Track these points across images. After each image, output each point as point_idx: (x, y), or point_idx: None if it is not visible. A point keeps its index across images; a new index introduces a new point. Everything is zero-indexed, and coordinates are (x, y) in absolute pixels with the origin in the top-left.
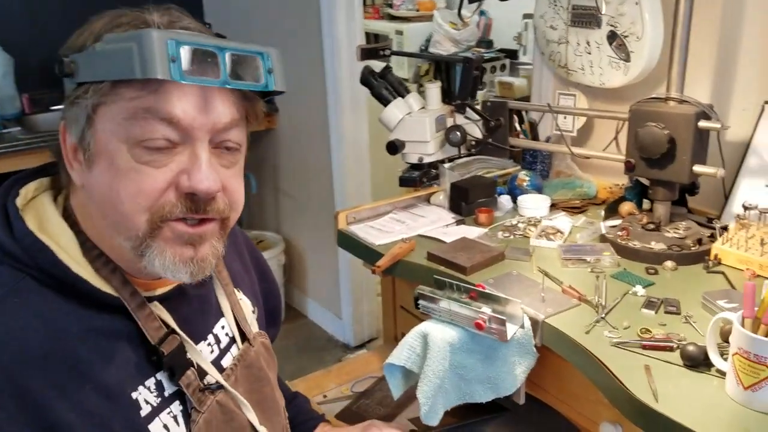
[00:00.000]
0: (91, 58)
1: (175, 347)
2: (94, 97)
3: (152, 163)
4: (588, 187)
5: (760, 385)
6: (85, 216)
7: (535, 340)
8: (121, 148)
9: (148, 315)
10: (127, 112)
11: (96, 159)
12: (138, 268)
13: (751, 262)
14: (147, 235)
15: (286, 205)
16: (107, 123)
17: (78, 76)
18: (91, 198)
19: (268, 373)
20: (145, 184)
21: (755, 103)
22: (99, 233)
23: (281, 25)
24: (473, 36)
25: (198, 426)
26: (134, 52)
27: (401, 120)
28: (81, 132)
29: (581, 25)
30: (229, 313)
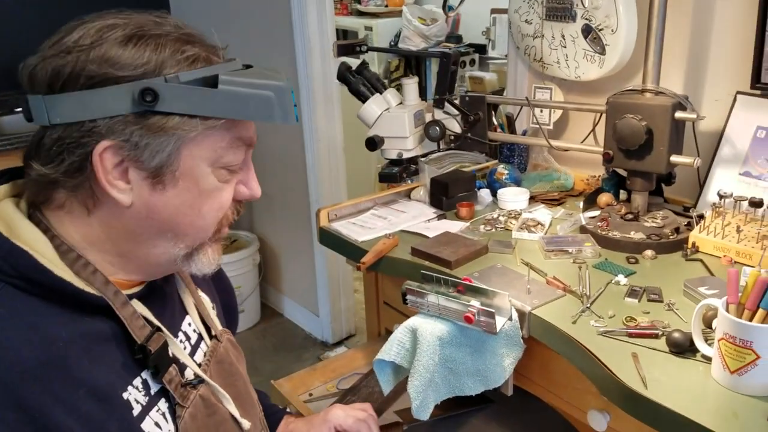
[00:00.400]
0: (198, 93)
1: (160, 345)
2: (197, 129)
3: (228, 181)
4: (565, 179)
5: (746, 369)
6: (78, 227)
7: (522, 332)
8: (206, 171)
9: (132, 314)
10: (225, 141)
11: (175, 181)
12: (150, 268)
13: (728, 249)
14: (206, 241)
15: (260, 203)
16: (198, 149)
17: (164, 105)
18: (152, 214)
19: (239, 367)
20: (224, 200)
21: (727, 93)
22: (109, 243)
23: (252, 21)
24: (442, 31)
25: (184, 421)
26: (274, 102)
27: (380, 116)
28: (167, 156)
29: (556, 19)
30: (194, 310)
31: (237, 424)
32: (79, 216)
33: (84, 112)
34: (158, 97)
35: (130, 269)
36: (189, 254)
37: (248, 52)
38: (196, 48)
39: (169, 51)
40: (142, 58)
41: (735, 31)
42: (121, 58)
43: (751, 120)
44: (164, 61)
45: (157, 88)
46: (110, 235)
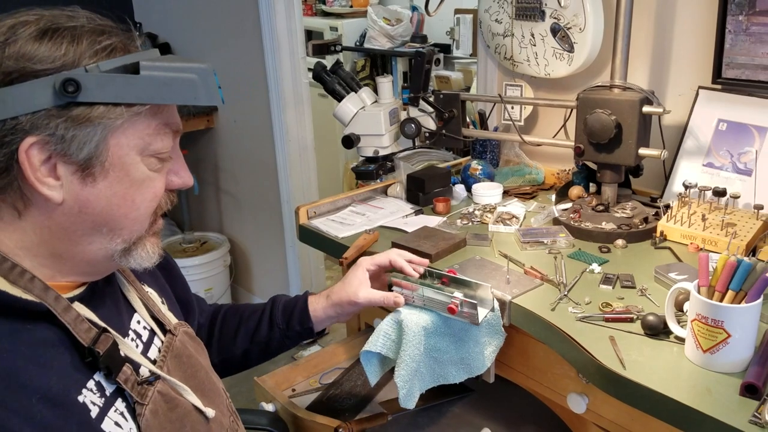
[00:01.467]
0: (120, 80)
1: (109, 345)
2: (123, 117)
3: (159, 170)
4: (536, 174)
5: (718, 348)
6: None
7: (503, 320)
8: (136, 160)
9: (76, 317)
10: (151, 128)
11: (106, 172)
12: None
13: (694, 236)
14: (144, 233)
15: (229, 204)
16: (126, 138)
17: (87, 95)
18: (85, 209)
19: (198, 359)
20: (157, 189)
21: (689, 88)
22: (43, 245)
23: (219, 22)
24: (407, 31)
25: (145, 418)
26: (198, 84)
27: (356, 114)
28: (94, 147)
29: (525, 18)
30: (141, 307)
31: (201, 413)
32: (9, 221)
33: (4, 109)
34: (80, 87)
35: (67, 270)
36: (127, 249)
37: (216, 53)
38: (113, 38)
39: (86, 42)
40: (60, 50)
41: (696, 29)
42: (37, 52)
43: (713, 113)
44: (82, 53)
45: (79, 78)
46: (43, 237)
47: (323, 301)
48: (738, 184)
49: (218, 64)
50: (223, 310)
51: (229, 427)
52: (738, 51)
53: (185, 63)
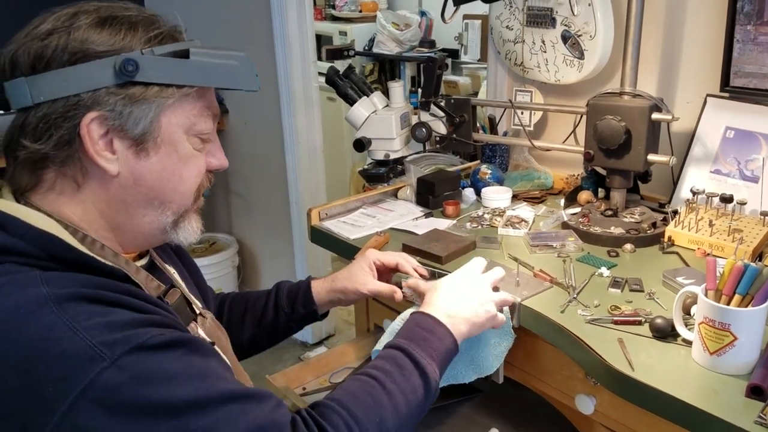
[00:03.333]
0: (173, 64)
1: (177, 299)
2: (174, 97)
3: (201, 149)
4: (545, 178)
5: (725, 350)
6: (73, 206)
7: (513, 322)
8: (183, 138)
9: (146, 277)
10: (196, 109)
11: (157, 148)
12: (142, 239)
13: (701, 242)
14: (189, 209)
15: (238, 206)
16: (175, 117)
17: (143, 76)
18: (138, 181)
19: (226, 344)
20: (201, 166)
21: (698, 96)
22: (102, 218)
23: (232, 25)
24: (416, 36)
25: (206, 326)
26: (239, 70)
27: (367, 118)
28: (149, 123)
29: (536, 25)
30: (180, 283)
31: None
32: (70, 195)
33: (68, 87)
34: (138, 67)
35: (126, 242)
36: (176, 222)
37: None
38: (163, 28)
39: (141, 30)
40: (119, 35)
41: (705, 38)
42: (99, 36)
43: (721, 121)
44: (138, 38)
45: (137, 59)
46: (102, 210)
47: (327, 285)
48: (745, 191)
49: None
50: (229, 298)
51: None
52: (746, 60)
53: (228, 51)
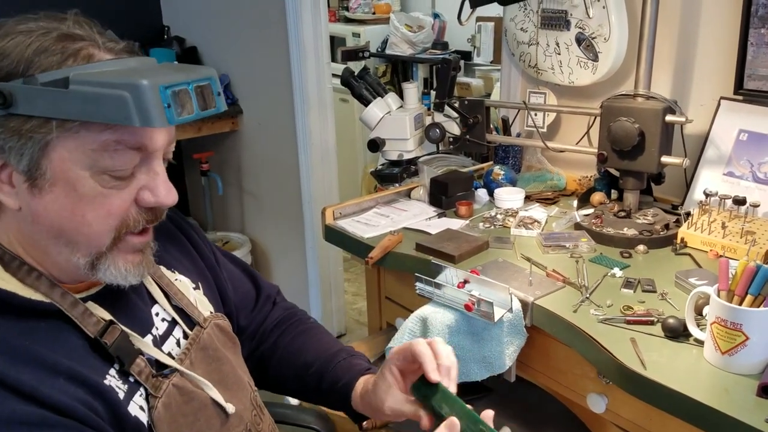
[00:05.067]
0: (51, 95)
1: (117, 337)
2: (57, 132)
3: (117, 186)
4: (558, 180)
5: (736, 350)
6: (5, 231)
7: (525, 321)
8: (83, 175)
9: (83, 312)
10: (95, 143)
11: (50, 185)
12: (70, 274)
13: (714, 243)
14: (107, 250)
15: (251, 205)
16: (67, 153)
17: (19, 108)
18: (38, 219)
19: (225, 353)
20: (114, 206)
21: (711, 98)
22: (28, 247)
23: (246, 26)
24: (429, 38)
25: (157, 411)
26: (129, 103)
27: (382, 119)
28: (30, 160)
29: (551, 27)
30: (162, 298)
31: (221, 408)
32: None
33: None
34: (11, 99)
35: (57, 274)
36: (92, 263)
37: (243, 57)
38: (77, 44)
39: (32, 53)
40: (8, 59)
41: (719, 41)
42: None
43: (734, 123)
44: (28, 62)
45: (11, 90)
46: (21, 242)
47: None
48: (757, 194)
49: (244, 67)
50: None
51: (251, 422)
52: (759, 63)
53: (121, 78)
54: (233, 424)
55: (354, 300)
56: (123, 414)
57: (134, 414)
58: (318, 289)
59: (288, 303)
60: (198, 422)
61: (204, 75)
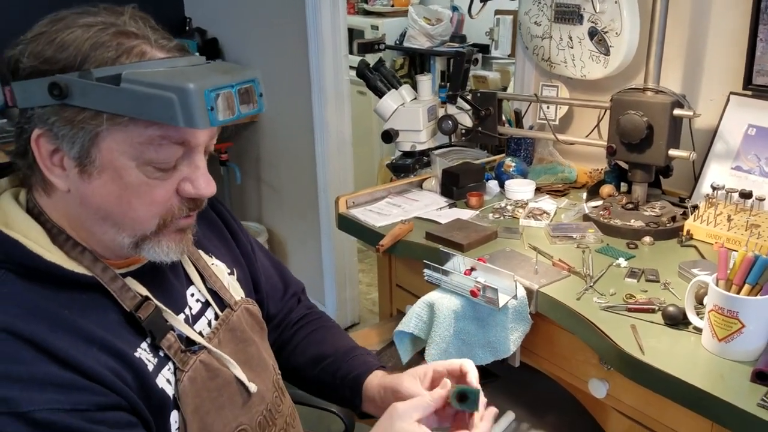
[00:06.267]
0: (103, 90)
1: (151, 312)
2: (107, 124)
3: (161, 177)
4: (569, 172)
5: (732, 337)
6: (56, 208)
7: (530, 308)
8: (129, 165)
9: (122, 287)
10: (142, 137)
11: (99, 172)
12: (114, 251)
13: (719, 236)
14: (152, 234)
15: (269, 195)
16: (116, 144)
17: (74, 100)
18: (85, 201)
19: (252, 335)
20: (157, 195)
21: (721, 93)
22: (75, 224)
23: (266, 18)
24: (447, 31)
25: (183, 384)
26: (176, 104)
27: (395, 110)
28: (81, 148)
29: (564, 21)
30: (198, 280)
31: (244, 386)
32: (47, 200)
33: (24, 100)
34: (67, 91)
35: (101, 250)
36: (136, 243)
37: (261, 49)
38: (131, 42)
39: (89, 46)
40: (66, 52)
41: (729, 37)
42: (46, 51)
43: (743, 118)
44: (85, 56)
45: (67, 82)
46: (69, 219)
47: (380, 379)
48: (765, 187)
49: (263, 59)
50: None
51: (272, 402)
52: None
53: (170, 80)
54: (255, 403)
55: (368, 290)
56: (151, 385)
57: (161, 386)
58: (332, 279)
59: (310, 303)
60: (221, 398)
61: (248, 77)
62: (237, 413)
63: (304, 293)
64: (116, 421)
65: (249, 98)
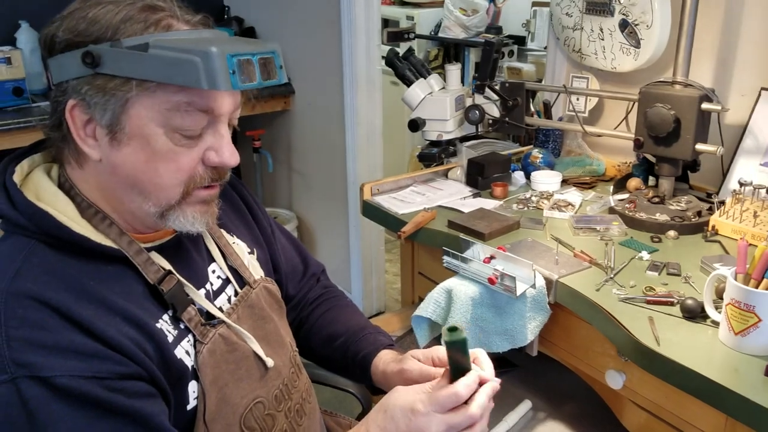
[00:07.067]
0: (132, 57)
1: (173, 285)
2: (136, 90)
3: (187, 145)
4: (597, 165)
5: (749, 331)
6: (86, 180)
7: (549, 298)
8: (157, 132)
9: (146, 260)
10: (169, 104)
11: (128, 139)
12: (143, 221)
13: (744, 231)
14: (176, 204)
15: (299, 183)
16: (144, 110)
17: (105, 68)
18: (116, 170)
19: (270, 313)
20: (183, 163)
21: (753, 88)
22: (105, 196)
23: (302, 8)
24: (483, 22)
25: (202, 356)
26: (200, 67)
27: (423, 99)
28: (113, 115)
29: (595, 13)
30: (220, 257)
31: (261, 361)
32: (80, 172)
33: (60, 73)
34: (99, 60)
35: (129, 221)
36: (162, 213)
37: (297, 38)
38: (158, 14)
39: (119, 18)
40: (97, 25)
41: (762, 32)
42: (79, 25)
43: None
44: (116, 28)
45: (99, 52)
46: (100, 190)
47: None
48: None
49: (298, 48)
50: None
51: (288, 378)
52: None
53: (194, 45)
54: (271, 377)
55: (394, 280)
56: (170, 356)
57: (179, 357)
58: (359, 268)
59: (329, 282)
60: (239, 371)
61: (268, 48)
62: (254, 386)
63: (324, 274)
64: (135, 390)
65: (268, 69)
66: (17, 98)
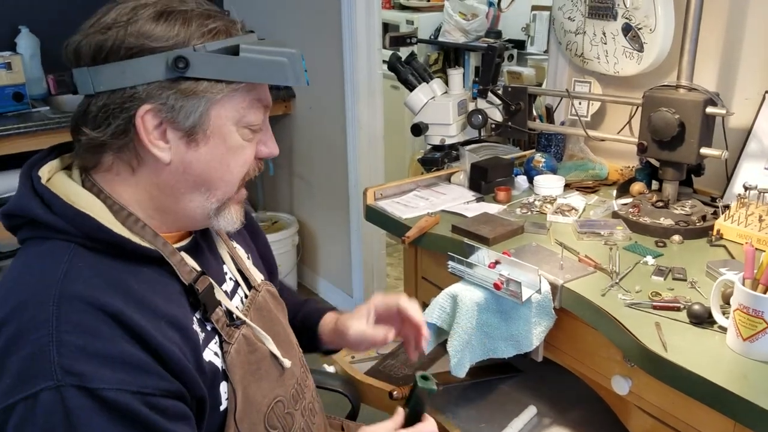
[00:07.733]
0: (222, 60)
1: (206, 286)
2: (226, 91)
3: (251, 140)
4: (600, 169)
5: (757, 337)
6: (134, 184)
7: (554, 303)
8: (232, 129)
9: (180, 261)
10: (246, 102)
11: (207, 138)
12: (196, 219)
13: (750, 236)
14: (229, 199)
15: (300, 187)
16: (224, 110)
17: (194, 72)
18: (187, 169)
19: (277, 315)
20: (248, 156)
21: (757, 92)
22: (151, 198)
23: (302, 12)
24: (482, 26)
25: (230, 355)
26: (288, 66)
27: (426, 104)
28: (198, 116)
29: (598, 17)
30: (229, 260)
31: (278, 361)
32: (125, 177)
33: (125, 79)
34: (189, 64)
35: (169, 223)
36: (219, 209)
37: (297, 42)
38: (218, 22)
39: (195, 25)
40: (173, 31)
41: (766, 35)
42: (154, 31)
43: None
44: (192, 34)
45: (188, 56)
46: (152, 193)
47: (333, 324)
48: None
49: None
50: None
51: (300, 378)
52: None
53: (278, 47)
54: (287, 377)
55: (396, 284)
56: (200, 359)
57: (208, 359)
58: (361, 272)
59: None
60: (260, 371)
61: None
62: (273, 385)
63: None
64: (174, 412)
65: None
66: (17, 103)
